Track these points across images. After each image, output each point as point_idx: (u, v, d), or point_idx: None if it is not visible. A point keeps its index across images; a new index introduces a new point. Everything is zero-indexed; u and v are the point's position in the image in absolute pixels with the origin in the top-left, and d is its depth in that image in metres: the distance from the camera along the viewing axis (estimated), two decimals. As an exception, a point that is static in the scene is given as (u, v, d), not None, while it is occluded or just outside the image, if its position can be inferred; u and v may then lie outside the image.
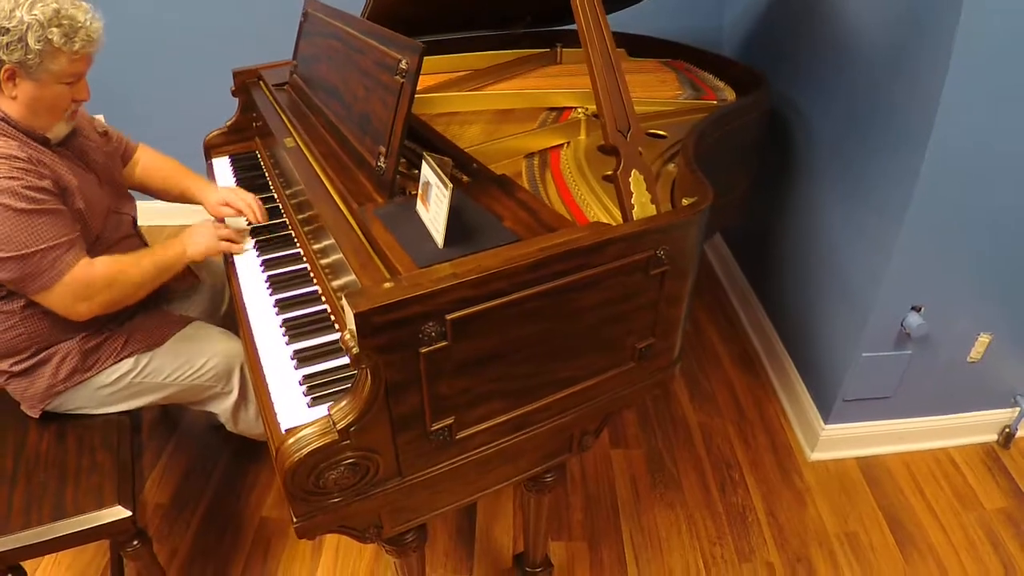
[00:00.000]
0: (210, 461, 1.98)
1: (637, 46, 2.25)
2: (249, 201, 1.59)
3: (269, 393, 1.10)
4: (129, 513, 1.31)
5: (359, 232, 1.12)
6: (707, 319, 2.57)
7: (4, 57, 1.17)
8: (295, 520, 0.97)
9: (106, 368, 1.42)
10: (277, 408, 1.07)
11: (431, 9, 1.81)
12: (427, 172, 1.03)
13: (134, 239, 1.56)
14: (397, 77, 1.14)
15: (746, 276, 2.59)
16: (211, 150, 2.03)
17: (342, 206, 1.21)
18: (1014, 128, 1.46)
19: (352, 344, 0.84)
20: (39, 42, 1.17)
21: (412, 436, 0.96)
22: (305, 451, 0.90)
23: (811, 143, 2.00)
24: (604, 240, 1.00)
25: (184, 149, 1.96)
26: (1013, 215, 1.60)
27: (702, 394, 2.22)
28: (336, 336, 1.21)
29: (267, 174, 1.84)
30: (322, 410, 0.96)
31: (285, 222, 1.61)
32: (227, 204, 1.61)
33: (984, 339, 1.83)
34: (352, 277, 1.06)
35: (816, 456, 1.99)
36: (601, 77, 1.10)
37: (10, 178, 1.18)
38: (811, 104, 1.99)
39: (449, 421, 0.97)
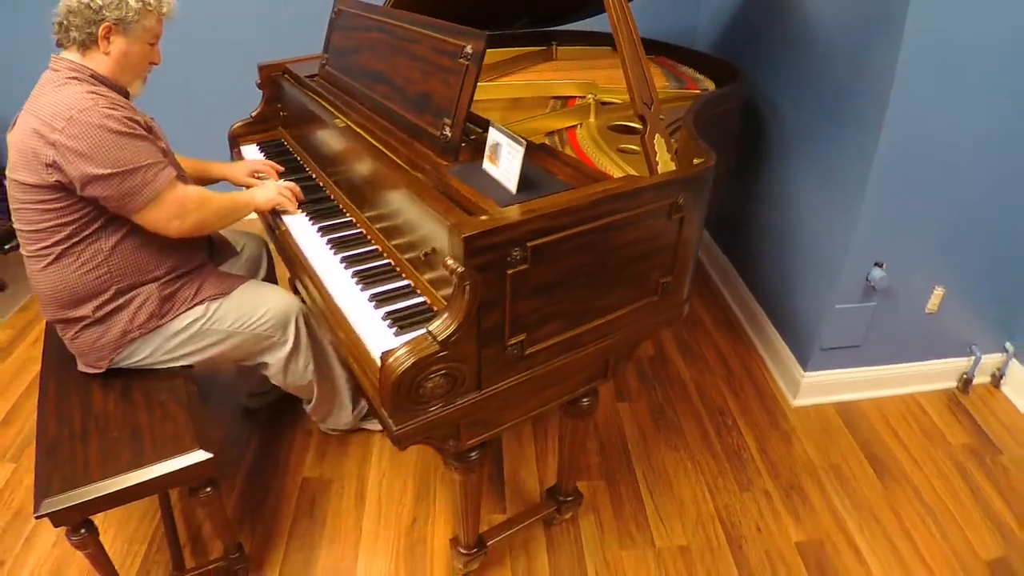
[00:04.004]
0: (246, 430, 2.11)
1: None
2: (271, 163, 1.93)
3: (356, 332, 1.27)
4: (211, 455, 1.38)
5: (434, 187, 1.30)
6: (693, 292, 2.80)
7: (108, 15, 1.37)
8: (395, 429, 1.13)
9: (180, 314, 1.53)
10: (368, 342, 1.24)
11: (438, 10, 2.00)
12: (496, 135, 1.23)
13: None
14: (461, 60, 1.33)
15: (724, 252, 2.84)
16: (236, 139, 2.17)
17: (410, 170, 1.39)
18: (959, 103, 1.73)
19: (456, 266, 1.03)
20: (139, 1, 1.39)
21: (493, 350, 1.14)
22: (409, 362, 1.06)
23: (781, 126, 2.26)
24: (640, 187, 1.21)
25: (199, 140, 2.10)
26: (961, 180, 1.87)
27: (692, 355, 2.46)
28: (405, 283, 1.38)
29: (298, 157, 2.00)
30: (408, 338, 1.11)
31: (329, 195, 1.77)
32: (255, 172, 1.90)
33: (939, 292, 2.10)
34: (411, 237, 1.24)
35: (798, 402, 2.23)
36: (631, 63, 1.32)
37: (110, 108, 1.35)
38: (780, 91, 2.25)
39: (522, 337, 1.16)
